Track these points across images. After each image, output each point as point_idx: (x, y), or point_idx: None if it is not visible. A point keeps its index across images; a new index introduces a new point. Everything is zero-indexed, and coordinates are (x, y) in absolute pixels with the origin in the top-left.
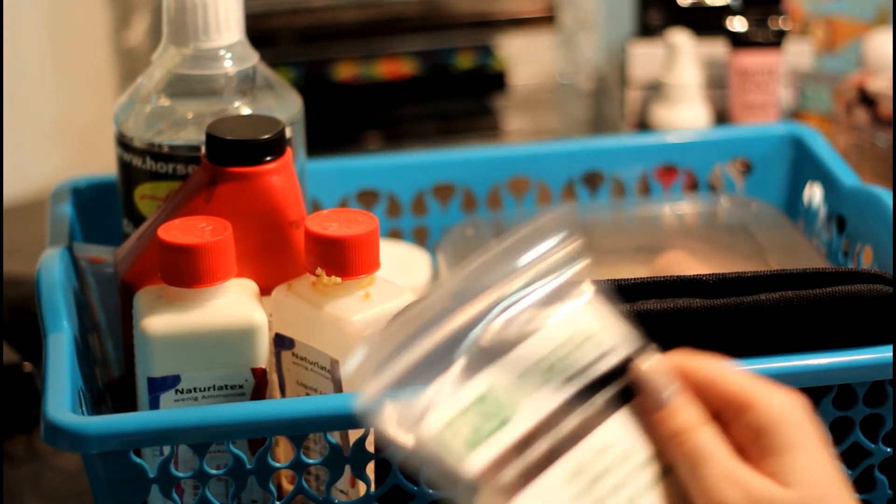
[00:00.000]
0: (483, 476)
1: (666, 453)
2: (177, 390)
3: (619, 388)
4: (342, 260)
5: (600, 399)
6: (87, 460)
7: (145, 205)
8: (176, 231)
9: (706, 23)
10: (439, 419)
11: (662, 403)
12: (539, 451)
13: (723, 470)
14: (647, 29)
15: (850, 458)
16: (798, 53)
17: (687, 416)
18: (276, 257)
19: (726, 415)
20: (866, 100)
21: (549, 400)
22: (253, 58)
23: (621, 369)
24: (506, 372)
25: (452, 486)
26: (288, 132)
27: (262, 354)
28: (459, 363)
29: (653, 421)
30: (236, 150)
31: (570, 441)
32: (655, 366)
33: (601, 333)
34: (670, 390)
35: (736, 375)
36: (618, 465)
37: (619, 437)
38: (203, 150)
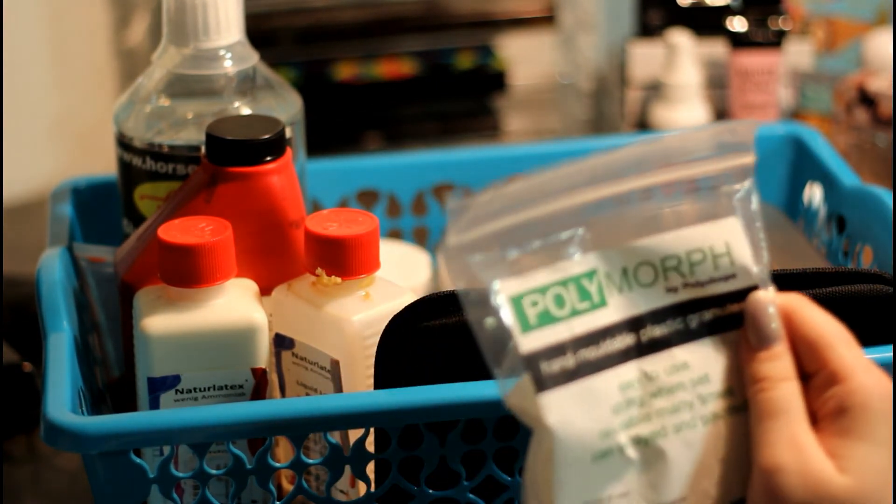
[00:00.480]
0: (535, 357)
1: (745, 394)
2: (177, 390)
3: (727, 313)
4: (342, 260)
5: (703, 317)
6: (87, 460)
7: (145, 205)
8: (176, 231)
9: (706, 23)
10: (524, 283)
11: (761, 345)
12: (608, 350)
13: (790, 432)
14: (647, 29)
15: None
16: (798, 53)
17: (779, 365)
18: (276, 257)
19: (818, 377)
20: (866, 100)
21: (649, 300)
22: (253, 58)
23: (737, 296)
24: (619, 259)
25: (499, 359)
26: (288, 132)
27: (262, 354)
28: (573, 234)
29: (745, 357)
30: (236, 150)
31: (648, 349)
32: (770, 305)
33: (736, 255)
34: (774, 334)
35: (843, 344)
36: (686, 389)
37: (702, 361)
38: (203, 150)
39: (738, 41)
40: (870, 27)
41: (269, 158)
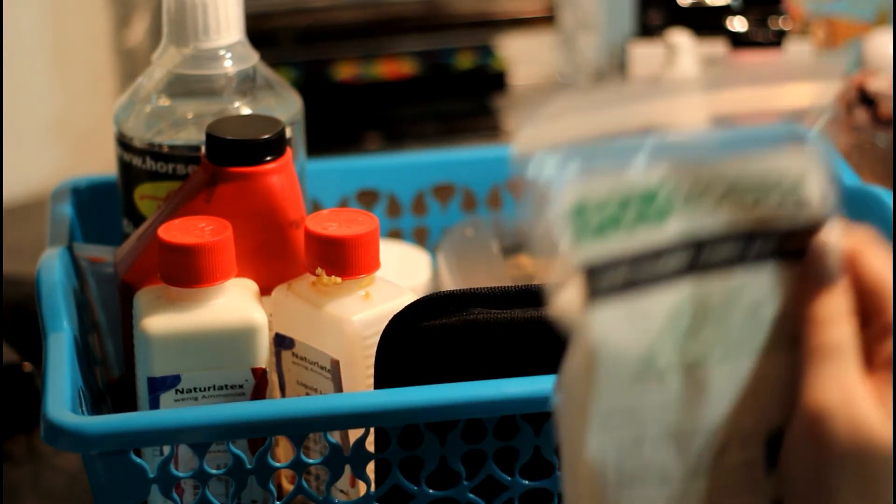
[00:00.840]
0: (590, 266)
1: (798, 331)
2: (177, 390)
3: (790, 247)
4: (342, 260)
5: (765, 247)
6: (87, 460)
7: (145, 205)
8: (176, 231)
9: (706, 23)
10: (589, 189)
11: (821, 282)
12: (664, 269)
13: (841, 376)
14: (647, 29)
15: None
16: (798, 53)
17: (836, 305)
18: (276, 257)
19: (876, 324)
20: (866, 100)
21: (713, 223)
22: (253, 58)
23: (803, 231)
24: (688, 176)
25: (549, 268)
26: (288, 132)
27: (262, 354)
28: (646, 146)
29: (802, 294)
30: (236, 150)
31: (706, 273)
32: (835, 243)
33: (808, 189)
34: (835, 273)
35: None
36: (737, 319)
37: (757, 291)
38: (203, 150)
39: (738, 41)
40: (870, 27)
41: (269, 158)
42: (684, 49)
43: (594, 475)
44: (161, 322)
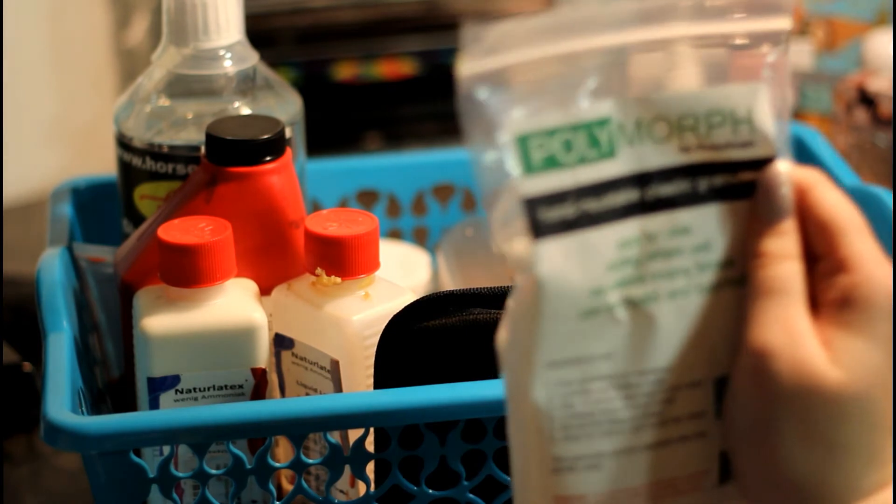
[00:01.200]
0: (535, 201)
1: (745, 267)
2: (177, 390)
3: (739, 181)
4: (342, 260)
5: (714, 182)
6: (87, 460)
7: (145, 205)
8: (176, 231)
9: None
10: (533, 122)
11: (769, 218)
12: (611, 203)
13: (786, 315)
14: None
15: None
16: (798, 53)
17: (784, 242)
18: (276, 257)
19: (825, 263)
20: (866, 100)
21: (660, 157)
22: (253, 58)
23: (752, 165)
24: (634, 110)
25: (495, 199)
26: (288, 132)
27: (262, 354)
28: (590, 78)
29: (751, 230)
30: (236, 150)
31: (651, 208)
32: (785, 178)
33: (757, 122)
34: (784, 209)
35: (856, 231)
36: (685, 254)
37: (706, 227)
38: (203, 150)
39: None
40: (870, 27)
41: (268, 158)
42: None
43: (540, 424)
44: (161, 322)
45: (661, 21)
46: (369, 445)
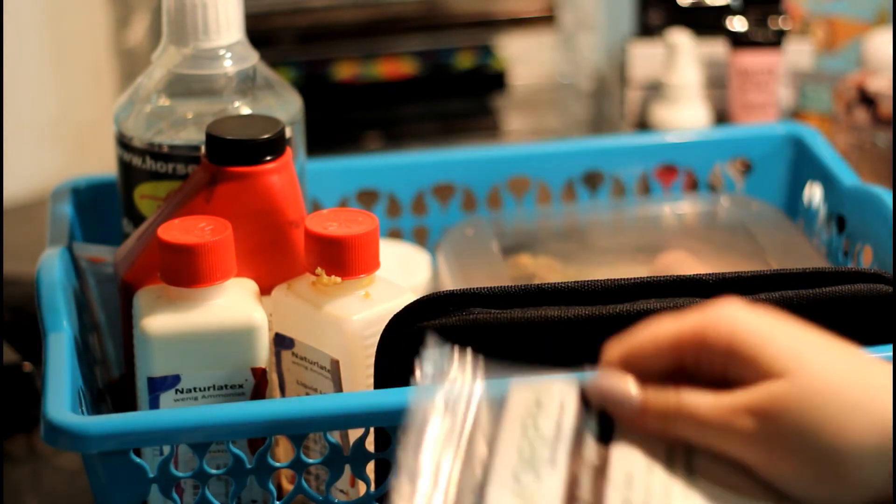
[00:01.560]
0: None
1: (675, 443)
2: (177, 390)
3: (597, 424)
4: (342, 260)
5: (590, 445)
6: (87, 460)
7: (145, 205)
8: (176, 231)
9: (706, 23)
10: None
11: (633, 408)
12: None
13: (721, 412)
14: (647, 29)
15: None
16: (798, 53)
17: (665, 398)
18: (276, 257)
19: (693, 365)
20: (866, 100)
21: (556, 475)
22: (253, 58)
23: (584, 408)
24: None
25: None
26: (288, 132)
27: (262, 354)
28: None
29: (641, 426)
30: (236, 149)
31: (597, 495)
32: (601, 384)
33: (541, 395)
34: (630, 392)
35: (665, 326)
36: (650, 485)
37: (631, 461)
38: (203, 149)
39: (738, 41)
40: (870, 27)
41: (268, 158)
42: (684, 49)
43: None
44: (161, 322)
45: None
46: (369, 445)
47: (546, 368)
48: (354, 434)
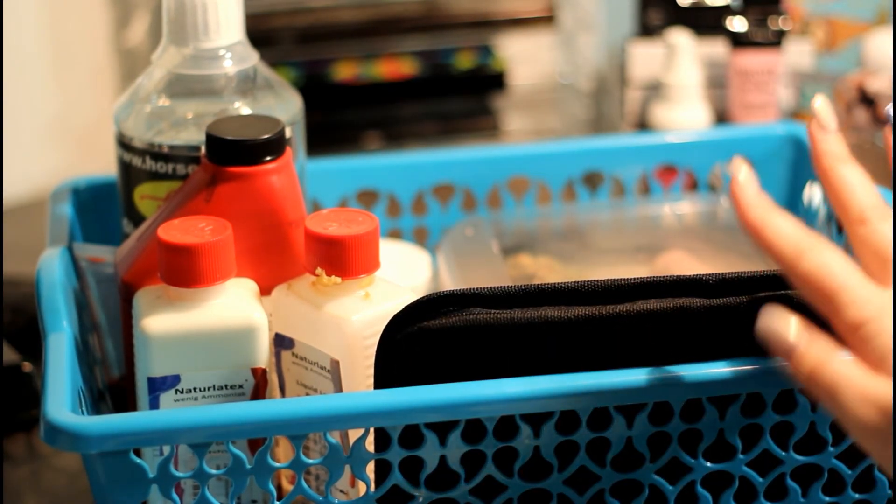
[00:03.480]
0: None
1: (810, 392)
2: (177, 390)
3: None
4: (342, 260)
5: None
6: (87, 460)
7: (145, 205)
8: (176, 231)
9: (706, 23)
10: None
11: (787, 352)
12: None
13: (856, 392)
14: (647, 29)
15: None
16: (798, 53)
17: (814, 353)
18: (276, 257)
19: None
20: (866, 100)
21: None
22: (253, 58)
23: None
24: None
25: None
26: (288, 132)
27: (262, 354)
28: None
29: (794, 371)
30: (236, 150)
31: None
32: (771, 316)
33: None
34: (787, 334)
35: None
36: None
37: None
38: (203, 150)
39: (738, 41)
40: (870, 27)
41: (268, 158)
42: (684, 49)
43: None
44: (161, 322)
45: None
46: (369, 445)
47: (546, 369)
48: (354, 434)
